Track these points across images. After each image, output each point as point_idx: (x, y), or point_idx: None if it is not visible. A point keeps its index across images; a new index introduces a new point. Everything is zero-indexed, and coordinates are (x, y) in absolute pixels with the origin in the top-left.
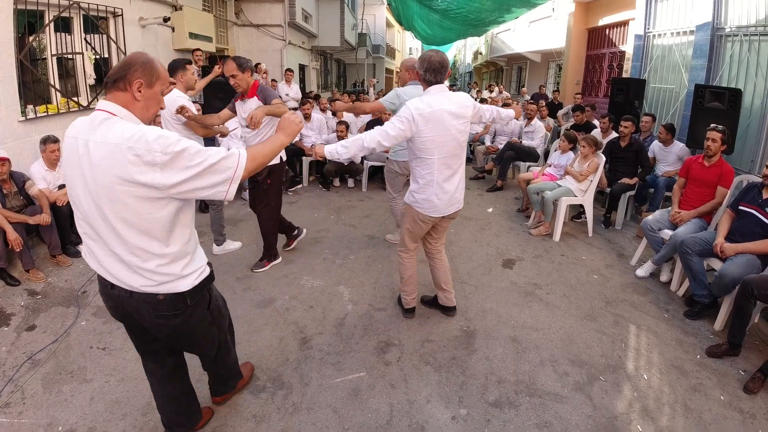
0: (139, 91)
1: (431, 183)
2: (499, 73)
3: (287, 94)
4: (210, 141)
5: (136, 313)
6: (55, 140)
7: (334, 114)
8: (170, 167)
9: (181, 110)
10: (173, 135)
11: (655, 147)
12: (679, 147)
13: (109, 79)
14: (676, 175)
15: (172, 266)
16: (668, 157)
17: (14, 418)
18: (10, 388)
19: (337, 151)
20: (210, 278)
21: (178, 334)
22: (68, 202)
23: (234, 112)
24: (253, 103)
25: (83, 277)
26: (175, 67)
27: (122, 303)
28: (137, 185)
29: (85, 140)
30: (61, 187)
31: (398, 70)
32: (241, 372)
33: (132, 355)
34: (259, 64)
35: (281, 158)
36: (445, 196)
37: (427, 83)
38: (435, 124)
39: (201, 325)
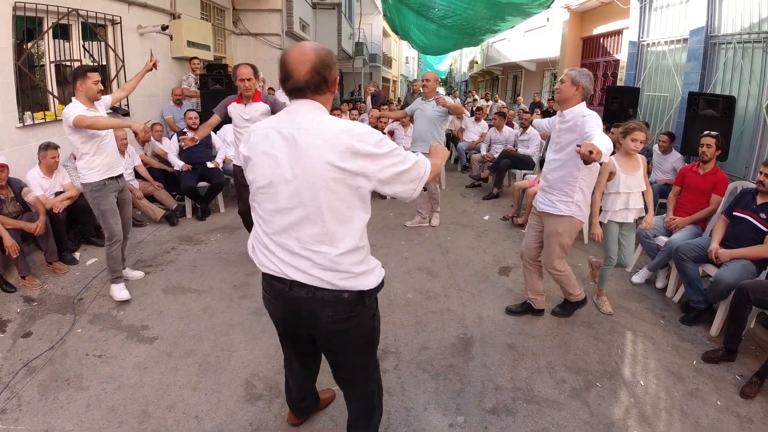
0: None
1: (591, 189)
2: (495, 81)
3: (284, 102)
4: (207, 148)
5: (311, 315)
6: (55, 147)
7: None
8: (379, 161)
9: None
10: (379, 132)
11: (654, 153)
12: (676, 157)
13: (309, 84)
14: (672, 184)
15: (363, 262)
16: (664, 165)
17: (10, 425)
18: (6, 394)
19: (606, 154)
20: (383, 282)
21: (343, 340)
22: (65, 210)
23: (223, 116)
24: (260, 106)
25: (79, 284)
26: (75, 75)
27: (298, 305)
28: (348, 173)
29: (286, 131)
30: (58, 194)
31: (426, 81)
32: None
33: (128, 362)
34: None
35: None
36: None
37: (586, 99)
38: None
39: (365, 335)
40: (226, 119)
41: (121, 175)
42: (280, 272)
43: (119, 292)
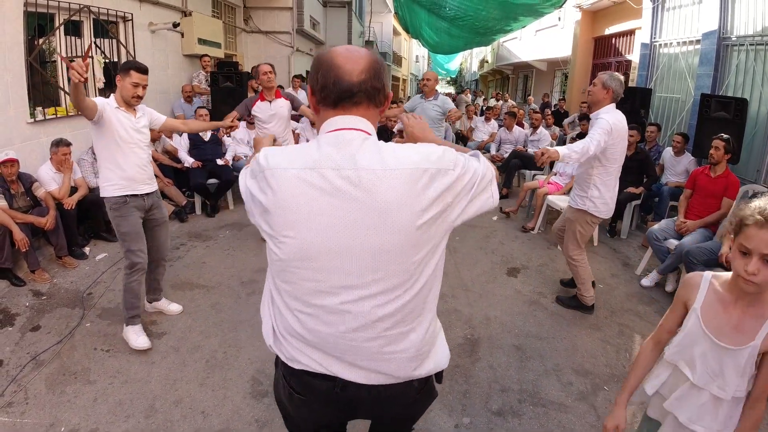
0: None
1: (610, 188)
2: (505, 81)
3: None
4: (217, 145)
5: (373, 414)
6: (68, 144)
7: None
8: (460, 182)
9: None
10: (449, 148)
11: (666, 155)
12: (688, 159)
13: (364, 89)
14: (684, 187)
15: (435, 325)
16: (677, 167)
17: (17, 418)
18: (13, 387)
19: (570, 156)
20: None
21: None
22: (76, 205)
23: (246, 114)
24: (283, 102)
25: (88, 279)
26: (119, 68)
27: (354, 408)
28: (438, 214)
29: (342, 173)
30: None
31: (427, 80)
32: None
33: (136, 357)
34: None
35: None
36: (614, 199)
37: (615, 101)
38: (621, 138)
39: None
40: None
41: (150, 193)
42: (323, 369)
43: (136, 337)
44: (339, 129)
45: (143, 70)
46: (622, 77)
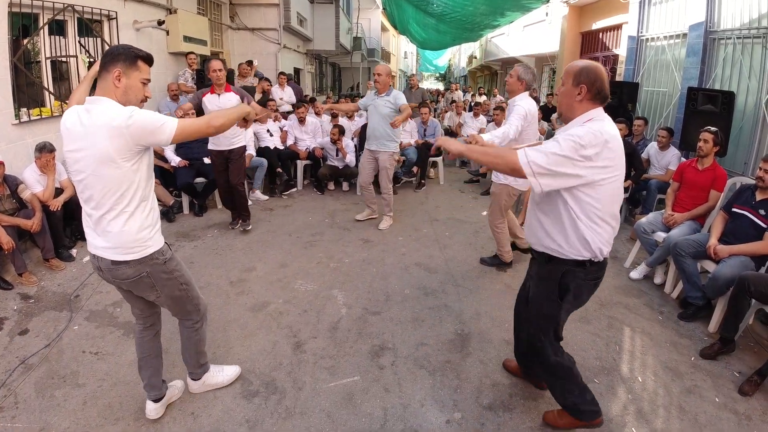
0: None
1: None
2: (494, 76)
3: (281, 98)
4: (203, 144)
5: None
6: (51, 150)
7: (335, 116)
8: None
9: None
10: None
11: (650, 149)
12: (672, 153)
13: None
14: (671, 180)
15: None
16: (661, 162)
17: (7, 422)
18: (2, 392)
19: (493, 141)
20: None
21: None
22: (61, 207)
23: (198, 104)
24: (232, 96)
25: (76, 281)
26: (113, 57)
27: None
28: None
29: (617, 131)
30: (56, 190)
31: (378, 75)
32: None
33: (125, 359)
34: (251, 62)
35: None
36: None
37: (528, 90)
38: (534, 120)
39: None
40: (199, 110)
41: None
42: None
43: (222, 371)
44: (602, 114)
45: (152, 62)
46: (534, 69)
